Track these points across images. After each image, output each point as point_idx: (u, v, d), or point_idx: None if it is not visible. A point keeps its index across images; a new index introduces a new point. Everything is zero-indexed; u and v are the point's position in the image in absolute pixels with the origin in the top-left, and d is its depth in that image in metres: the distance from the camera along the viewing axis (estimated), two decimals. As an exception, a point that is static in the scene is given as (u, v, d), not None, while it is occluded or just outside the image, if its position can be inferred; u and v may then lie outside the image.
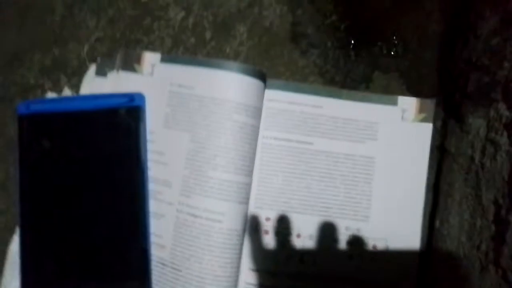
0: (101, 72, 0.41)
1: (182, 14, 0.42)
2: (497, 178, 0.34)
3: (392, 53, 0.43)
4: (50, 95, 0.41)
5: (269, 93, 0.41)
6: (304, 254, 0.40)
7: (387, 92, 0.43)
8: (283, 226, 0.40)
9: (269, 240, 0.40)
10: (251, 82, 0.38)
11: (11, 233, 0.38)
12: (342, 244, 0.40)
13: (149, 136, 0.39)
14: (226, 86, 0.38)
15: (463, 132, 0.38)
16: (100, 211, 0.38)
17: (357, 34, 0.43)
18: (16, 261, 0.37)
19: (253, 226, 0.40)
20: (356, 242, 0.40)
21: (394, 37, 0.43)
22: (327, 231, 0.40)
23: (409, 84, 0.43)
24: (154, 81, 0.40)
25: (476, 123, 0.37)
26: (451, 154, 0.40)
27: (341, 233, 0.40)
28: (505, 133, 0.34)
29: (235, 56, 0.42)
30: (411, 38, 0.43)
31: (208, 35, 0.42)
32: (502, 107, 0.34)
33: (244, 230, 0.39)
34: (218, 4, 0.43)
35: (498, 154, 0.34)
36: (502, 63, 0.34)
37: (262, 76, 0.39)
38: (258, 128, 0.39)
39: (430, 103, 0.41)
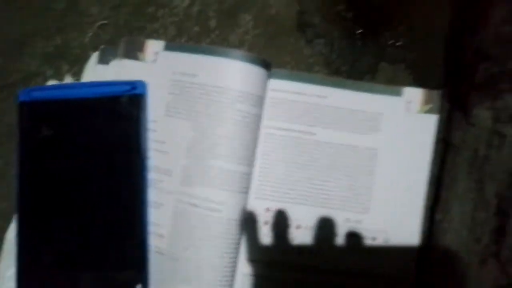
0: (103, 60, 0.41)
1: (187, 1, 0.42)
2: (502, 170, 0.33)
3: (399, 43, 0.43)
4: (52, 82, 0.41)
5: (273, 83, 0.40)
6: (302, 245, 0.40)
7: (392, 83, 0.42)
8: (282, 217, 0.40)
9: (268, 231, 0.40)
10: (255, 71, 0.38)
11: (8, 221, 0.38)
12: (342, 236, 0.40)
13: (150, 125, 0.39)
14: (229, 74, 0.37)
15: (468, 124, 0.38)
16: (99, 199, 0.38)
17: (364, 23, 0.43)
18: (12, 250, 0.37)
19: (252, 217, 0.39)
20: (355, 234, 0.40)
21: (402, 27, 0.43)
22: (327, 223, 0.40)
23: (415, 75, 0.42)
24: (157, 69, 0.39)
25: (483, 114, 0.36)
26: (455, 147, 0.39)
27: (340, 225, 0.40)
28: (510, 125, 0.33)
29: (240, 45, 0.42)
30: (418, 28, 0.43)
31: (212, 23, 0.42)
32: (510, 98, 0.34)
33: (243, 220, 0.38)
34: (223, -9, 0.42)
35: (504, 145, 0.34)
36: (511, 53, 0.34)
37: (266, 65, 0.39)
38: (260, 117, 0.39)
39: (436, 95, 0.41)
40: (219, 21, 0.42)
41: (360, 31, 0.42)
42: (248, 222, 0.39)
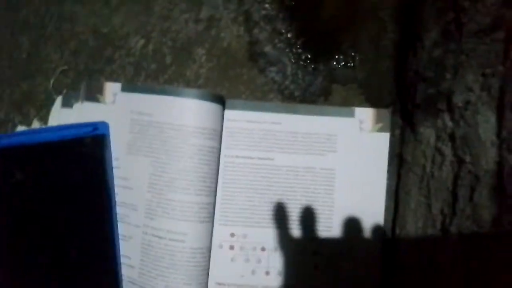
0: (67, 104, 0.43)
1: (142, 42, 0.44)
2: (443, 188, 0.35)
3: (349, 64, 0.44)
4: (20, 128, 0.43)
5: (229, 113, 0.42)
6: (269, 266, 0.41)
7: (346, 103, 0.44)
8: (247, 240, 0.41)
9: (234, 255, 0.41)
10: (208, 106, 0.39)
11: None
12: (307, 254, 0.41)
13: (114, 163, 0.41)
14: (182, 112, 0.39)
15: (416, 141, 0.39)
16: (72, 236, 0.40)
17: (314, 48, 0.44)
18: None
19: (218, 242, 0.41)
20: (320, 252, 0.41)
21: (351, 49, 0.44)
22: (291, 243, 0.42)
23: (368, 94, 0.44)
24: (116, 110, 0.41)
25: (427, 132, 0.38)
26: (407, 163, 0.41)
27: (305, 245, 0.42)
28: (449, 144, 0.35)
29: (196, 79, 0.44)
30: (367, 49, 0.44)
31: (168, 60, 0.44)
32: (447, 117, 0.35)
33: (209, 247, 0.40)
34: (176, 29, 0.44)
35: (443, 164, 0.35)
36: (444, 74, 0.35)
37: (219, 99, 0.40)
38: (218, 148, 0.41)
39: (386, 113, 0.42)
40: (174, 57, 0.44)
41: (310, 56, 0.44)
42: (215, 247, 0.41)
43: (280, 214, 0.42)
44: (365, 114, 0.42)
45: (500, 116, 0.29)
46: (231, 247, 0.41)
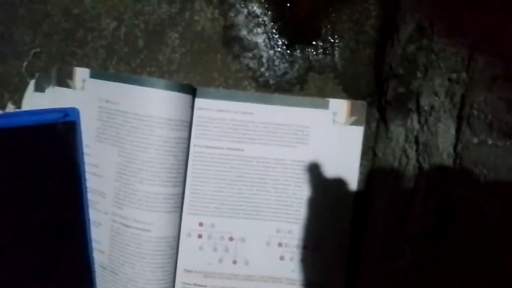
0: (39, 88, 0.43)
1: (114, 24, 0.43)
2: (406, 192, 0.34)
3: (328, 52, 0.42)
4: (-6, 111, 0.43)
5: (200, 102, 0.41)
6: (236, 256, 0.42)
7: (322, 93, 0.42)
8: (215, 230, 0.42)
9: (202, 244, 0.42)
10: (175, 97, 0.39)
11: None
12: (274, 245, 0.42)
13: (85, 149, 0.41)
14: (148, 103, 0.38)
15: (387, 138, 0.38)
16: (45, 221, 0.41)
17: (291, 34, 0.42)
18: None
19: (187, 231, 0.42)
20: (287, 243, 0.42)
21: (330, 35, 0.42)
22: (259, 233, 0.42)
23: (345, 84, 0.42)
24: (86, 96, 0.41)
25: (397, 131, 0.36)
26: (379, 159, 0.39)
27: (272, 235, 0.42)
28: (414, 146, 0.33)
29: (168, 64, 0.43)
30: (347, 36, 0.42)
31: (140, 43, 0.43)
32: (415, 119, 0.34)
33: (176, 236, 0.41)
34: (149, 11, 0.43)
35: (407, 167, 0.34)
36: (415, 72, 0.33)
37: (188, 89, 0.40)
38: (186, 139, 0.40)
39: (362, 106, 0.41)
40: (147, 41, 0.43)
41: (286, 41, 0.42)
42: (183, 236, 0.42)
43: (248, 205, 0.42)
44: (340, 106, 0.41)
45: (458, 127, 0.27)
46: (200, 236, 0.42)
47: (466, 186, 0.25)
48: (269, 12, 0.42)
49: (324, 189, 0.41)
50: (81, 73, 0.41)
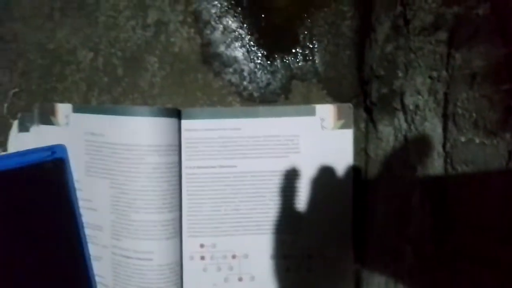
0: (23, 128, 0.42)
1: (90, 55, 0.42)
2: (403, 192, 0.34)
3: (308, 58, 0.42)
4: (-19, 156, 0.42)
5: (186, 124, 0.41)
6: (241, 273, 0.42)
7: (307, 100, 0.42)
8: (217, 249, 0.41)
9: (206, 265, 0.42)
10: (160, 122, 0.38)
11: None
12: (278, 258, 0.41)
13: (76, 185, 0.41)
14: (134, 132, 0.38)
15: (378, 138, 0.38)
16: (45, 260, 0.41)
17: (269, 44, 0.42)
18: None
19: (189, 254, 0.41)
20: (291, 254, 0.41)
21: (308, 41, 0.42)
22: (261, 248, 0.41)
23: (329, 89, 0.42)
24: (71, 131, 0.40)
25: (386, 131, 0.36)
26: (372, 159, 0.39)
27: (276, 248, 0.41)
28: (405, 146, 0.33)
29: (150, 89, 0.42)
30: (326, 39, 0.42)
31: (120, 71, 0.42)
32: (402, 118, 0.33)
33: (178, 261, 0.41)
34: (124, 38, 0.42)
35: (402, 166, 0.34)
36: (396, 72, 0.33)
37: (172, 113, 0.39)
38: (177, 162, 0.40)
39: (348, 109, 0.40)
40: (126, 68, 0.42)
41: (265, 52, 0.42)
42: (186, 260, 0.41)
43: (248, 220, 0.41)
44: (326, 111, 0.41)
45: (445, 126, 0.27)
46: (202, 258, 0.42)
47: (459, 186, 0.25)
48: (245, 25, 0.42)
49: (321, 195, 0.41)
50: (63, 109, 0.41)
